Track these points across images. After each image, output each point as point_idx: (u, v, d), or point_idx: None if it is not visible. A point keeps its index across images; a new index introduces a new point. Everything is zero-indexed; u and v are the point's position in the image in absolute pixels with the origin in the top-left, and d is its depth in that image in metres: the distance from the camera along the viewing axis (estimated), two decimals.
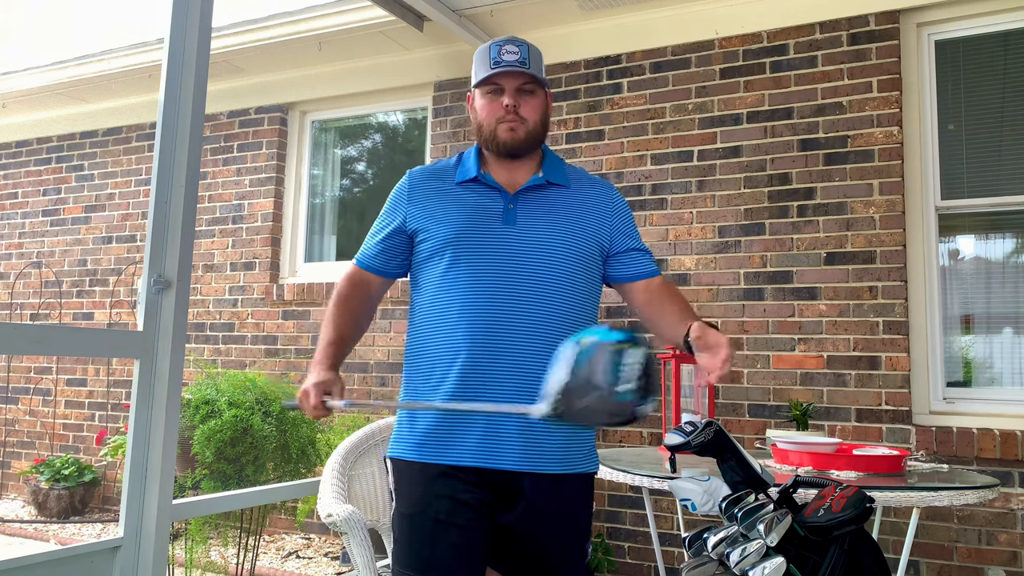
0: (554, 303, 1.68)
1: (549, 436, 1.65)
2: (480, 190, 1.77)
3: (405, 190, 1.82)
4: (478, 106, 1.78)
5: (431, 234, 1.74)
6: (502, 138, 1.74)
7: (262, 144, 4.98)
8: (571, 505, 1.70)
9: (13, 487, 5.58)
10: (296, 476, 3.57)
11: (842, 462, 2.30)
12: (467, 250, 1.70)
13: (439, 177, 1.81)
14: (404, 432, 1.73)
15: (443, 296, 1.70)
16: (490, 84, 1.74)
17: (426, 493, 1.64)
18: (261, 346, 4.82)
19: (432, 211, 1.76)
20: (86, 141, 5.65)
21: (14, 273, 5.78)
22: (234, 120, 5.09)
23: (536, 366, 1.59)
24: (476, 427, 1.64)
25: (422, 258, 1.77)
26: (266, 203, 4.91)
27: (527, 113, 1.74)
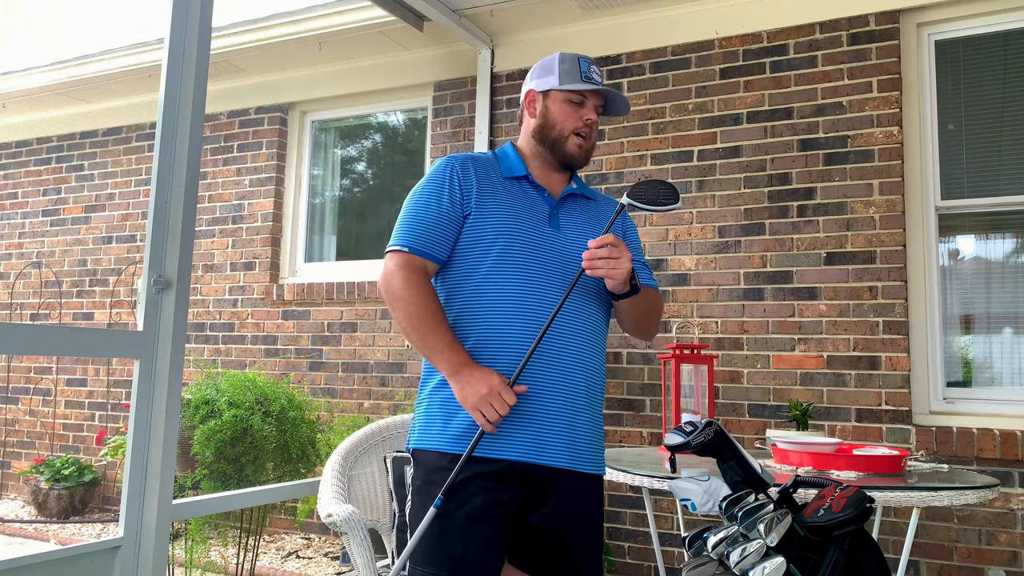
0: (590, 307, 1.77)
1: (589, 435, 1.71)
2: (528, 189, 1.80)
3: (457, 171, 1.76)
4: (556, 110, 1.80)
5: (482, 221, 1.72)
6: (570, 151, 1.80)
7: (262, 144, 4.98)
8: (595, 504, 1.75)
9: (13, 487, 5.58)
10: (296, 476, 3.57)
11: (842, 462, 2.30)
12: (518, 245, 1.70)
13: (484, 167, 1.80)
14: (439, 423, 1.68)
15: (490, 288, 1.69)
16: (579, 95, 1.80)
17: (463, 488, 1.60)
18: (261, 346, 4.82)
19: (483, 198, 1.74)
20: (86, 141, 5.65)
21: (14, 273, 5.78)
22: (234, 120, 5.09)
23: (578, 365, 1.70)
24: (526, 422, 1.64)
25: (466, 243, 1.73)
26: (266, 203, 4.91)
27: (593, 134, 1.83)
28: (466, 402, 1.59)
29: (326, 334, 4.63)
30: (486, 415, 1.57)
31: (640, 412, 3.72)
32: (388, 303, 1.73)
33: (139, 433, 2.20)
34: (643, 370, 3.73)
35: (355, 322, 4.55)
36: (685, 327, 3.67)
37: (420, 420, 1.74)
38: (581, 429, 1.70)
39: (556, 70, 1.81)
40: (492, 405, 1.57)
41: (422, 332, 1.66)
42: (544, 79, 1.83)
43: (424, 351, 1.69)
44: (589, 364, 1.74)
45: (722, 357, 3.56)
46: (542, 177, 1.84)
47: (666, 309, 3.72)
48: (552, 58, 1.85)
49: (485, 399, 1.57)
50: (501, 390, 1.57)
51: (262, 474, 3.46)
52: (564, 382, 1.68)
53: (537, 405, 1.65)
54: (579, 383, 1.71)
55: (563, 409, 1.67)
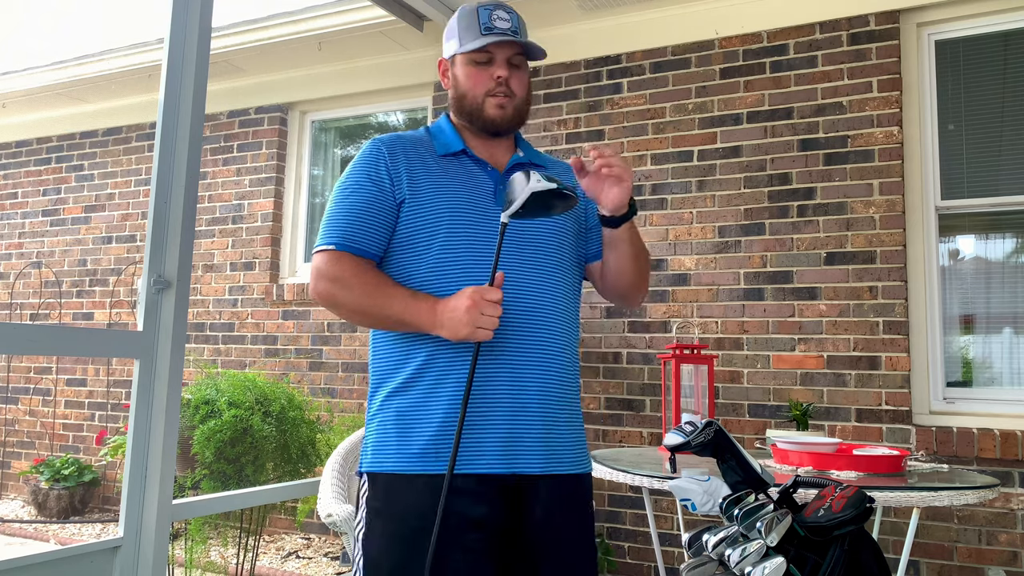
0: (554, 282, 1.57)
1: (567, 432, 1.55)
2: (468, 165, 1.60)
3: (383, 155, 1.57)
4: (462, 75, 1.60)
5: (420, 207, 1.53)
6: (490, 115, 1.59)
7: (262, 144, 4.98)
8: (582, 506, 1.59)
9: (13, 487, 5.58)
10: (296, 476, 3.57)
11: (842, 462, 2.30)
12: (463, 230, 1.51)
13: (416, 146, 1.60)
14: (397, 440, 1.49)
15: (439, 281, 1.50)
16: (481, 52, 1.57)
17: (431, 511, 1.39)
18: (261, 346, 4.82)
19: (418, 181, 1.54)
20: (86, 141, 5.65)
21: (14, 273, 5.78)
22: (234, 120, 5.09)
23: (546, 346, 1.52)
24: (497, 430, 1.46)
25: (405, 234, 1.54)
26: (266, 203, 4.91)
27: (516, 88, 1.59)
28: (459, 332, 1.39)
29: (326, 334, 4.63)
30: (486, 327, 1.38)
31: (640, 412, 3.72)
32: (326, 305, 1.54)
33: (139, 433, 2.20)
34: (643, 370, 3.73)
35: None
36: (685, 327, 3.67)
37: (373, 437, 1.53)
38: (558, 427, 1.53)
39: (456, 31, 1.60)
40: (484, 315, 1.37)
41: (379, 306, 1.47)
42: (448, 44, 1.64)
43: (393, 324, 1.50)
44: (561, 354, 1.55)
45: (722, 357, 3.55)
46: (483, 149, 1.63)
47: (666, 309, 3.72)
48: (453, 17, 1.63)
49: (475, 313, 1.37)
50: (483, 294, 1.38)
51: (262, 474, 3.46)
52: (536, 377, 1.50)
53: (507, 407, 1.47)
54: (552, 377, 1.52)
55: (537, 408, 1.49)
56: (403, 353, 1.53)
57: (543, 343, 1.52)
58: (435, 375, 1.49)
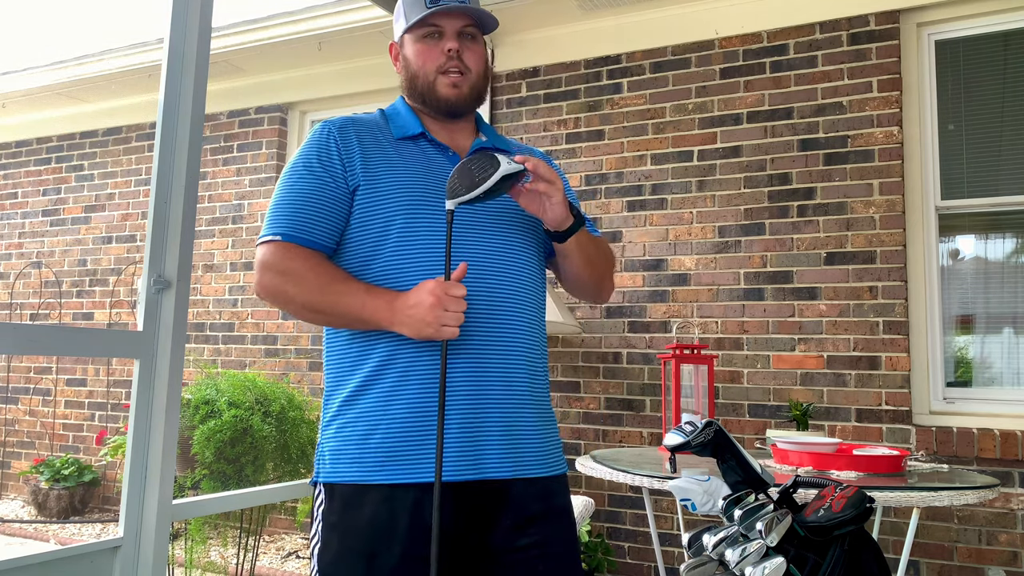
0: (520, 270, 1.45)
1: (535, 432, 1.42)
2: (427, 149, 1.48)
3: (334, 138, 1.44)
4: (411, 53, 1.49)
5: (375, 195, 1.40)
6: (443, 94, 1.46)
7: (262, 144, 4.98)
8: (561, 513, 1.45)
9: (13, 487, 5.58)
10: (296, 476, 3.57)
11: (842, 462, 2.30)
12: (422, 219, 1.39)
13: (370, 130, 1.48)
14: (355, 447, 1.36)
15: (397, 274, 1.38)
16: (427, 26, 1.46)
17: (391, 521, 1.30)
18: (261, 346, 4.82)
19: (375, 167, 1.42)
20: (86, 141, 5.65)
21: (14, 273, 5.78)
22: (234, 120, 5.09)
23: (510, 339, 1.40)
24: (458, 432, 1.33)
25: (361, 223, 1.41)
26: (266, 203, 4.91)
27: (471, 62, 1.47)
28: (422, 331, 1.27)
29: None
30: (451, 324, 1.27)
31: (640, 412, 3.72)
32: (274, 302, 1.41)
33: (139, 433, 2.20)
34: (643, 370, 3.73)
35: None
36: (685, 327, 3.67)
37: (330, 444, 1.40)
38: (525, 428, 1.40)
39: (403, 9, 1.50)
40: (448, 311, 1.26)
41: (332, 302, 1.34)
42: (397, 25, 1.53)
43: (348, 322, 1.37)
44: (528, 347, 1.42)
45: (722, 357, 3.55)
46: (443, 133, 1.51)
47: (666, 309, 3.72)
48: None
49: (439, 310, 1.26)
50: (446, 289, 1.27)
51: (262, 474, 3.46)
52: (500, 373, 1.38)
53: (470, 407, 1.34)
54: (518, 371, 1.40)
55: (502, 408, 1.37)
56: (359, 352, 1.40)
57: (507, 336, 1.39)
58: (395, 375, 1.36)
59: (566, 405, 3.88)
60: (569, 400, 3.87)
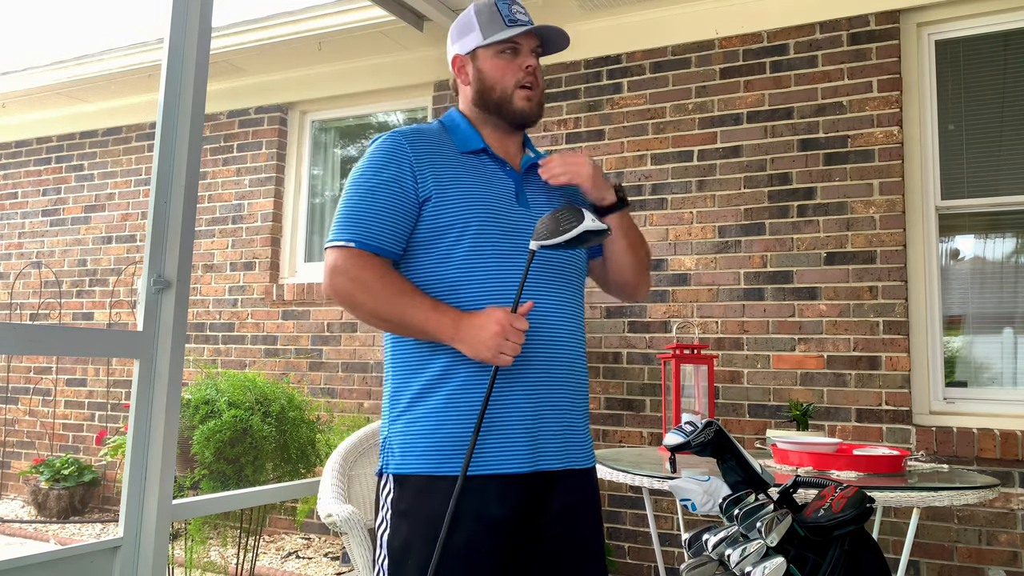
0: (571, 282, 1.61)
1: (581, 430, 1.60)
2: (488, 164, 1.58)
3: (405, 150, 1.52)
4: (488, 67, 1.59)
5: (446, 207, 1.49)
6: (519, 107, 1.58)
7: (262, 144, 4.98)
8: (593, 498, 1.63)
9: (13, 487, 5.58)
10: (296, 476, 3.57)
11: (842, 462, 2.30)
12: (491, 232, 1.49)
13: (435, 142, 1.57)
14: (423, 443, 1.48)
15: (460, 287, 1.48)
16: (508, 43, 1.58)
17: (459, 513, 1.42)
18: (261, 346, 4.82)
19: (444, 180, 1.51)
20: (86, 141, 5.65)
21: (14, 273, 5.78)
22: (234, 120, 5.09)
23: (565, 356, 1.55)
24: (521, 429, 1.48)
25: (428, 234, 1.50)
26: (266, 203, 4.91)
27: (540, 79, 1.62)
28: (481, 354, 1.39)
29: (326, 334, 4.63)
30: (508, 354, 1.39)
31: (640, 412, 3.72)
32: (343, 304, 1.51)
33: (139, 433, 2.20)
34: (643, 370, 3.73)
35: (355, 322, 4.55)
36: (685, 327, 3.67)
37: (399, 439, 1.52)
38: (575, 425, 1.58)
39: (476, 25, 1.59)
40: (509, 341, 1.38)
41: (399, 313, 1.44)
42: (466, 39, 1.61)
43: (412, 332, 1.48)
44: (577, 360, 1.59)
45: (722, 357, 3.55)
46: (499, 147, 1.62)
47: (666, 309, 3.72)
48: (467, 13, 1.62)
49: (500, 339, 1.38)
50: (511, 321, 1.38)
51: (262, 474, 3.46)
52: (556, 383, 1.54)
53: (531, 408, 1.49)
54: (570, 380, 1.56)
55: (557, 407, 1.53)
56: (425, 357, 1.52)
57: (563, 353, 1.55)
58: (461, 379, 1.48)
59: None
60: None
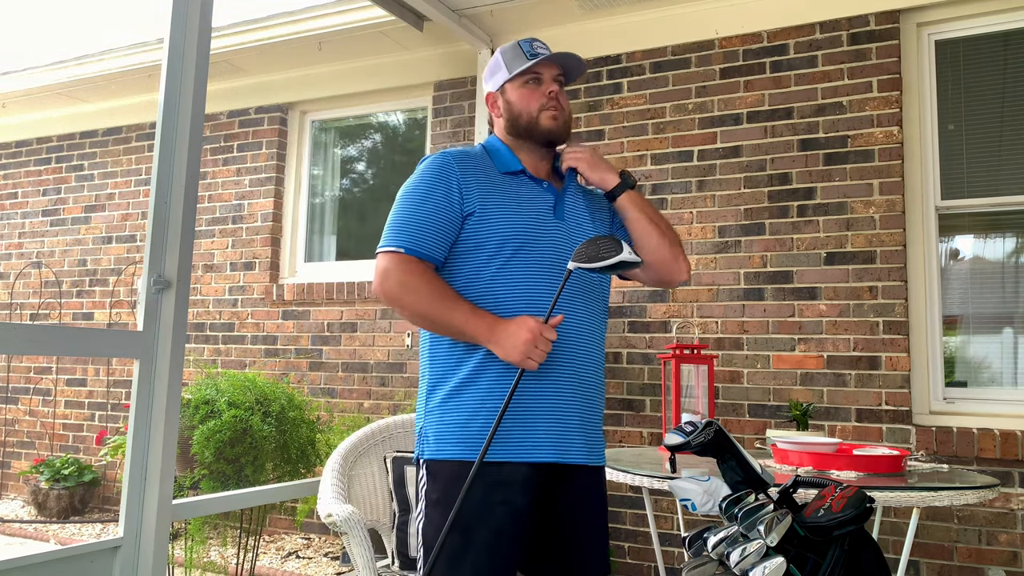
0: (599, 299, 1.78)
1: (597, 430, 1.74)
2: (527, 183, 1.77)
3: (453, 169, 1.70)
4: (515, 97, 1.78)
5: (488, 222, 1.67)
6: (546, 126, 1.76)
7: (262, 144, 4.98)
8: (602, 495, 1.77)
9: (13, 487, 5.58)
10: (296, 476, 3.57)
11: (842, 462, 2.30)
12: (529, 245, 1.67)
13: (479, 164, 1.75)
14: (457, 431, 1.63)
15: (498, 294, 1.65)
16: (530, 74, 1.77)
17: (486, 499, 1.58)
18: (261, 346, 4.82)
19: (486, 197, 1.68)
20: (86, 141, 5.65)
21: (14, 273, 5.78)
22: (234, 120, 5.09)
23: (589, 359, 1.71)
24: (548, 422, 1.64)
25: (471, 245, 1.68)
26: (266, 203, 4.91)
27: (564, 103, 1.79)
28: (511, 356, 1.55)
29: (326, 334, 4.63)
30: (535, 359, 1.56)
31: (640, 412, 3.72)
32: (390, 304, 1.67)
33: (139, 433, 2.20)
34: (643, 370, 3.73)
35: (355, 322, 4.55)
36: (685, 327, 3.67)
37: (435, 428, 1.67)
38: (594, 425, 1.73)
39: (503, 64, 1.81)
40: (538, 348, 1.55)
41: (441, 314, 1.62)
42: (496, 77, 1.83)
43: (451, 332, 1.65)
44: (597, 364, 1.76)
45: (722, 357, 3.55)
46: (533, 167, 1.80)
47: (666, 309, 3.72)
48: (496, 56, 1.84)
49: (531, 345, 1.54)
50: (542, 331, 1.55)
51: (262, 474, 3.46)
52: (580, 382, 1.69)
53: (556, 405, 1.65)
54: (590, 381, 1.72)
55: (579, 407, 1.69)
56: (461, 355, 1.67)
57: (587, 360, 1.71)
58: (488, 381, 1.64)
59: None
60: None
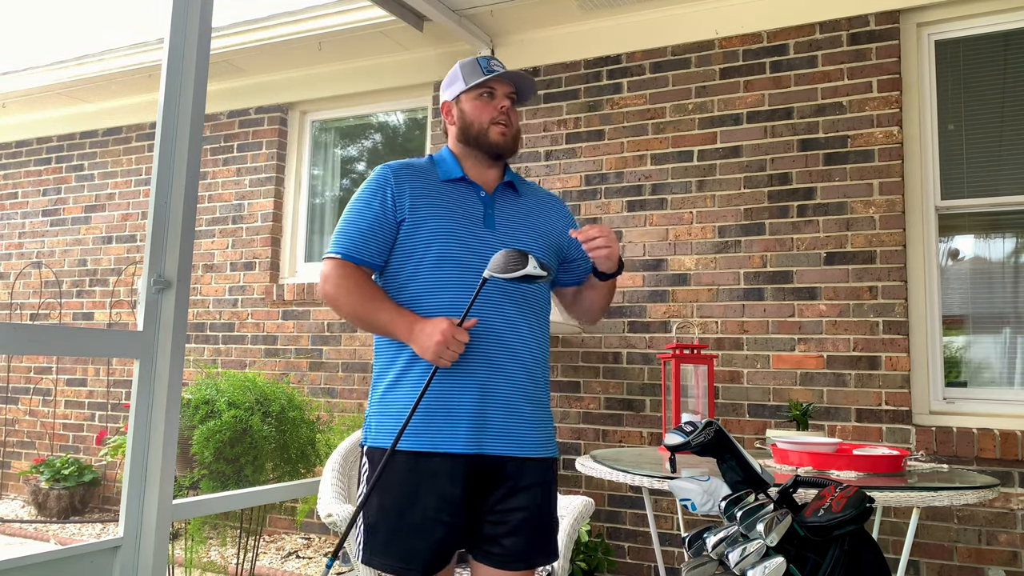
0: (538, 299, 1.84)
1: (530, 421, 1.78)
2: (464, 190, 1.85)
3: (389, 179, 1.81)
4: (469, 108, 1.87)
5: (417, 227, 1.77)
6: (494, 139, 1.84)
7: (262, 144, 4.98)
8: (544, 485, 1.79)
9: (13, 487, 5.58)
10: (296, 476, 3.57)
11: (842, 462, 2.30)
12: (452, 250, 1.76)
13: (419, 173, 1.85)
14: (391, 421, 1.74)
15: (425, 294, 1.75)
16: (485, 87, 1.86)
17: (415, 485, 1.69)
18: (261, 346, 4.82)
19: (418, 204, 1.79)
20: (86, 141, 5.65)
21: (14, 273, 5.78)
22: (234, 120, 5.09)
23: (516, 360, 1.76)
24: (468, 416, 1.71)
25: (404, 250, 1.79)
26: (266, 203, 4.91)
27: (514, 119, 1.88)
28: (425, 355, 1.67)
29: (326, 334, 4.63)
30: (446, 359, 1.66)
31: (640, 412, 3.72)
32: (329, 305, 1.81)
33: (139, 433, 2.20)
34: (643, 370, 3.73)
35: None
36: (685, 327, 3.67)
37: (375, 418, 1.80)
38: (521, 416, 1.76)
39: (460, 76, 1.90)
40: (449, 349, 1.65)
41: (369, 314, 1.75)
42: (452, 87, 1.92)
43: (378, 330, 1.77)
44: (527, 352, 1.79)
45: (722, 357, 3.55)
46: (478, 176, 1.88)
47: (666, 309, 3.72)
48: (455, 68, 1.92)
49: (442, 346, 1.64)
50: (454, 333, 1.65)
51: (261, 474, 3.46)
52: (504, 375, 1.75)
53: (476, 398, 1.72)
54: (519, 374, 1.77)
55: (501, 399, 1.74)
56: (395, 351, 1.79)
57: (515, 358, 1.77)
58: (417, 375, 1.74)
59: (566, 405, 3.88)
60: (569, 400, 3.87)
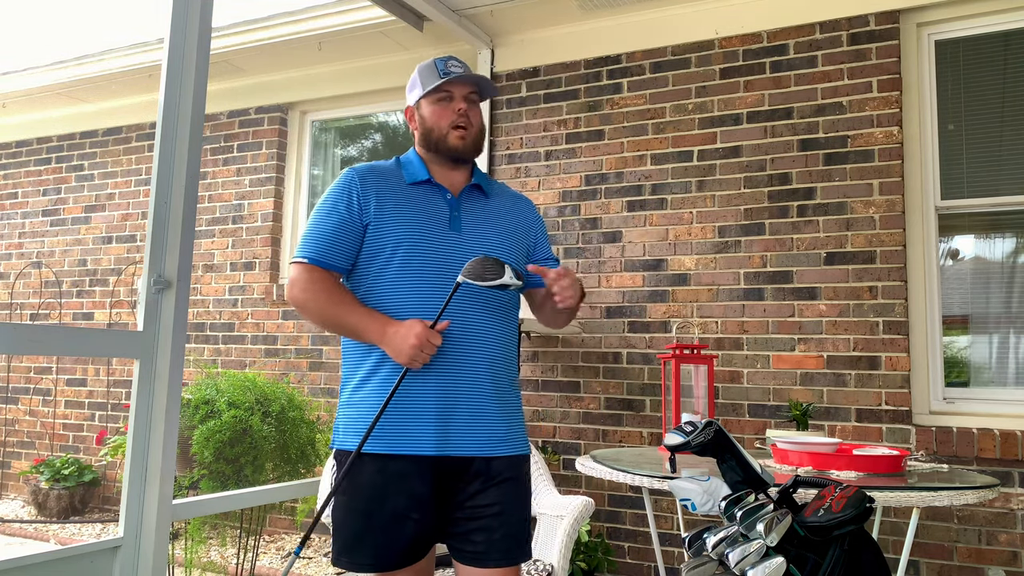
0: (498, 304, 1.82)
1: (497, 420, 1.78)
2: (430, 193, 1.84)
3: (355, 183, 1.81)
4: (428, 113, 1.86)
5: (382, 231, 1.77)
6: (453, 144, 1.83)
7: (262, 144, 4.98)
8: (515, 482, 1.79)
9: (13, 487, 5.58)
10: (296, 476, 3.57)
11: (842, 462, 2.30)
12: (418, 252, 1.75)
13: (385, 176, 1.84)
14: (358, 423, 1.75)
15: (391, 296, 1.75)
16: (441, 92, 1.85)
17: (384, 487, 1.70)
18: (261, 346, 4.82)
19: (383, 207, 1.79)
20: (86, 141, 5.65)
21: (14, 273, 5.78)
22: (234, 120, 5.09)
23: (482, 360, 1.76)
24: (432, 416, 1.71)
25: (371, 252, 1.78)
26: (266, 203, 4.91)
27: (474, 119, 1.87)
28: (400, 357, 1.67)
29: (326, 334, 4.63)
30: (419, 361, 1.67)
31: (640, 412, 3.72)
32: (298, 310, 1.80)
33: (139, 433, 2.20)
34: (643, 370, 3.73)
35: None
36: (685, 327, 3.67)
37: (342, 420, 1.80)
38: (486, 416, 1.76)
39: (419, 81, 1.90)
40: (423, 352, 1.66)
41: (338, 317, 1.74)
42: (413, 93, 1.92)
43: (348, 333, 1.77)
44: (492, 352, 1.79)
45: (722, 357, 3.55)
46: (444, 178, 1.87)
47: (666, 309, 3.72)
48: (414, 74, 1.92)
49: (417, 349, 1.65)
50: (428, 336, 1.66)
51: (261, 474, 3.46)
52: (468, 377, 1.75)
53: (441, 399, 1.72)
54: (482, 372, 1.77)
55: (466, 399, 1.74)
56: (363, 353, 1.79)
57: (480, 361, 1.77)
58: (382, 377, 1.75)
59: (566, 405, 3.88)
60: (569, 400, 3.87)
